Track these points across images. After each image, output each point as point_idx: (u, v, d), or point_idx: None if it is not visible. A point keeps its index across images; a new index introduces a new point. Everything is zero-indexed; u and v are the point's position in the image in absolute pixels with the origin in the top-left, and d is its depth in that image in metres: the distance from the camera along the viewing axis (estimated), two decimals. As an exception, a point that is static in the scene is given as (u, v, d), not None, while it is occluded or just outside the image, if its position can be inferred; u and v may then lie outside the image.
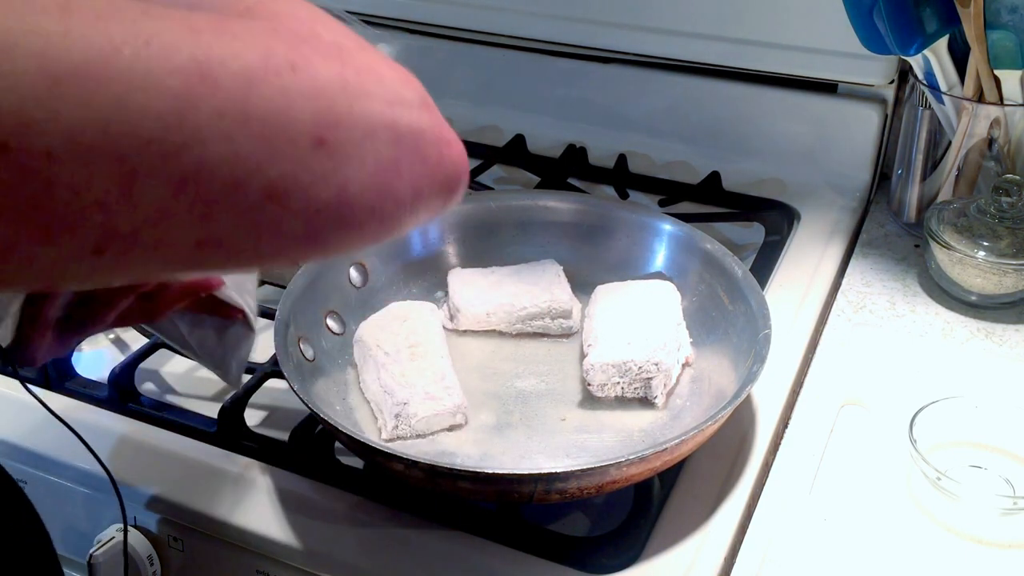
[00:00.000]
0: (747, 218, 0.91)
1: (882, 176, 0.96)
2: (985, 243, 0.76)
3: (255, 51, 0.32)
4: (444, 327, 0.72)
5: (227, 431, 0.66)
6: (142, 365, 0.72)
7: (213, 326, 0.58)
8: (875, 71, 0.92)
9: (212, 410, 0.67)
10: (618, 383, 0.65)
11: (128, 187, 0.29)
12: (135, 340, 0.76)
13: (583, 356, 0.67)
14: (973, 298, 0.78)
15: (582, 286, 0.75)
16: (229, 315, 0.58)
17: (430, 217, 0.40)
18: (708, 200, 0.93)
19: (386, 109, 0.36)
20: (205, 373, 0.73)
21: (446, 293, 0.75)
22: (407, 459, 0.54)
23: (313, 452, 0.64)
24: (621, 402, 0.66)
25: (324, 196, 0.33)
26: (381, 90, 0.36)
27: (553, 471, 0.52)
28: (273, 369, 0.69)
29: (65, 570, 0.71)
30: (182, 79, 0.29)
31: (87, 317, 0.51)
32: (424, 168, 0.38)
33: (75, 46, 0.27)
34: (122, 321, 0.53)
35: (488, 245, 0.79)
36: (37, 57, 0.27)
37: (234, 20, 0.33)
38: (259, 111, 0.31)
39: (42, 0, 0.28)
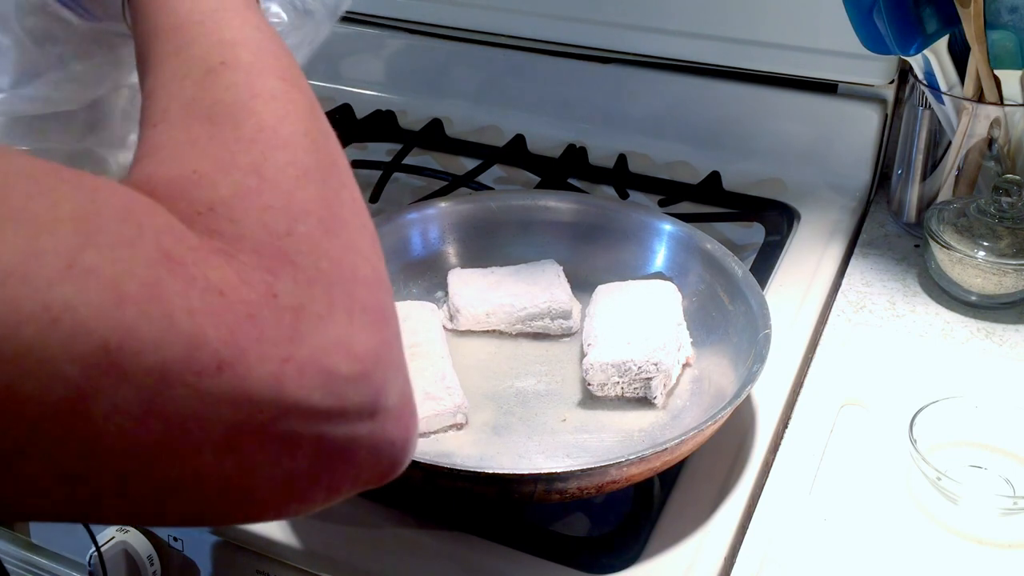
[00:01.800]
0: (747, 218, 0.91)
1: (882, 176, 0.96)
2: (985, 243, 0.76)
3: (180, 341, 0.28)
4: (444, 327, 0.72)
5: (227, 431, 0.66)
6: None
7: None
8: (875, 71, 0.92)
9: (212, 410, 0.67)
10: (618, 383, 0.65)
11: (7, 464, 0.26)
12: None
13: (583, 356, 0.67)
14: (973, 298, 0.78)
15: (582, 286, 0.75)
16: None
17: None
18: (708, 200, 0.93)
19: (317, 426, 0.30)
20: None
21: (446, 293, 0.75)
22: (407, 459, 0.54)
23: (313, 452, 0.64)
24: (621, 402, 0.66)
25: (220, 497, 0.30)
26: (319, 396, 0.30)
27: (553, 471, 0.52)
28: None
29: (65, 570, 0.72)
30: (82, 369, 0.26)
31: None
32: (348, 474, 0.33)
33: None
34: None
35: (488, 245, 0.79)
36: None
37: (180, 266, 0.29)
38: (165, 413, 0.28)
39: None
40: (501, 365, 0.70)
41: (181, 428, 0.28)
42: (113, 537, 0.63)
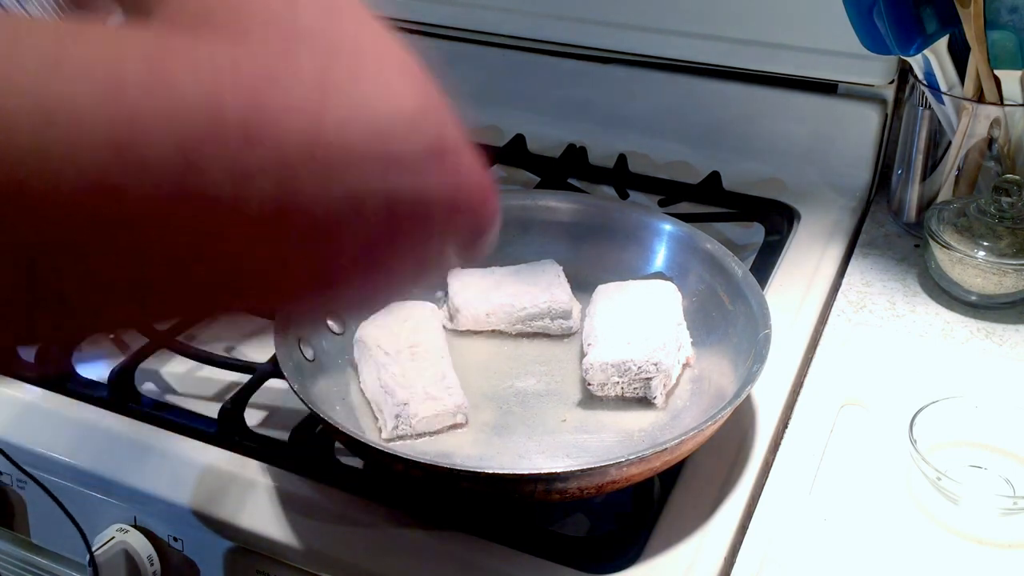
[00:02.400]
0: (747, 218, 0.91)
1: (882, 176, 0.96)
2: (985, 243, 0.76)
3: (196, 117, 0.26)
4: (444, 327, 0.72)
5: (227, 431, 0.66)
6: (142, 365, 0.72)
7: None
8: (875, 71, 0.92)
9: (212, 410, 0.67)
10: (617, 383, 0.65)
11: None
12: (136, 340, 0.76)
13: (583, 356, 0.66)
14: (973, 298, 0.78)
15: (582, 286, 0.75)
16: None
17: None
18: (708, 200, 0.93)
19: (378, 178, 0.29)
20: (205, 373, 0.73)
21: (446, 293, 0.75)
22: (407, 459, 0.54)
23: (313, 452, 0.64)
24: (621, 402, 0.66)
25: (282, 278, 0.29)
26: (371, 142, 0.29)
27: (553, 471, 0.52)
28: (273, 369, 0.69)
29: (65, 570, 0.72)
30: (94, 173, 0.25)
31: None
32: (427, 231, 0.32)
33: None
34: None
35: (488, 245, 0.78)
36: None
37: (181, 52, 0.27)
38: (200, 196, 0.26)
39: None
40: (501, 365, 0.70)
41: (217, 210, 0.26)
42: (113, 537, 0.63)
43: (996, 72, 0.78)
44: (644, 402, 0.66)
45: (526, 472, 0.54)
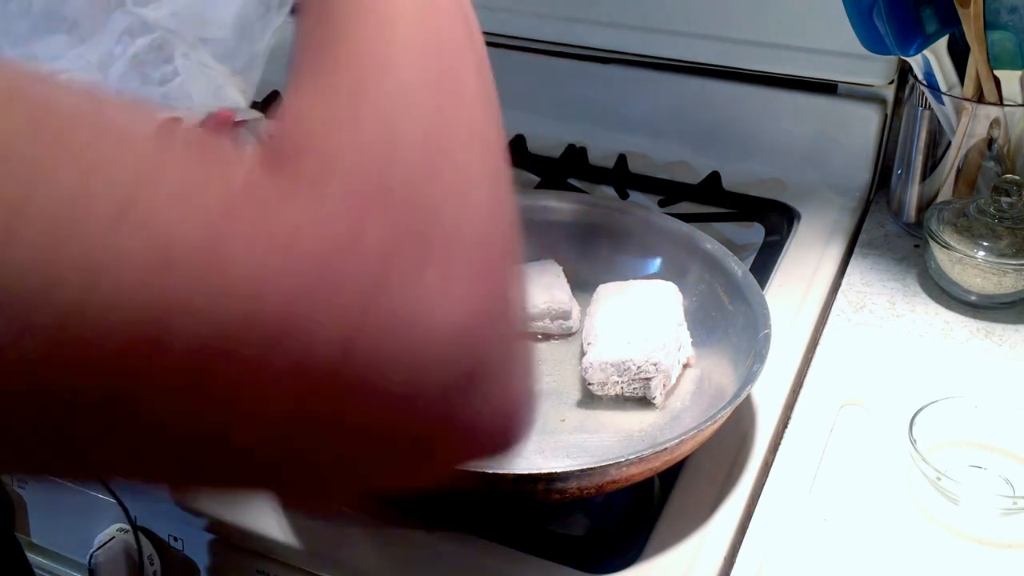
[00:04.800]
0: (747, 218, 0.91)
1: (882, 176, 0.96)
2: (985, 243, 0.76)
3: (235, 310, 0.24)
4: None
5: (227, 431, 0.66)
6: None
7: None
8: (875, 71, 0.92)
9: (212, 410, 0.67)
10: (617, 382, 0.65)
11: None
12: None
13: (583, 355, 0.66)
14: (973, 298, 0.78)
15: (582, 286, 0.75)
16: None
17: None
18: (708, 200, 0.93)
19: (397, 405, 0.27)
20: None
21: (446, 293, 0.75)
22: (407, 459, 0.54)
23: (313, 452, 0.64)
24: (620, 402, 0.66)
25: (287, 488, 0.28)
26: (398, 372, 0.26)
27: (553, 471, 0.52)
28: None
29: (65, 570, 0.72)
30: (118, 348, 0.23)
31: None
32: (425, 462, 0.29)
33: None
34: None
35: (488, 245, 0.78)
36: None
37: (247, 212, 0.25)
38: (213, 395, 0.25)
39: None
40: (501, 365, 0.70)
41: (230, 412, 0.25)
42: (113, 537, 0.63)
43: (996, 72, 0.78)
44: (644, 402, 0.66)
45: (526, 472, 0.54)
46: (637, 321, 0.67)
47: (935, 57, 0.80)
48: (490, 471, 0.53)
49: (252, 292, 0.24)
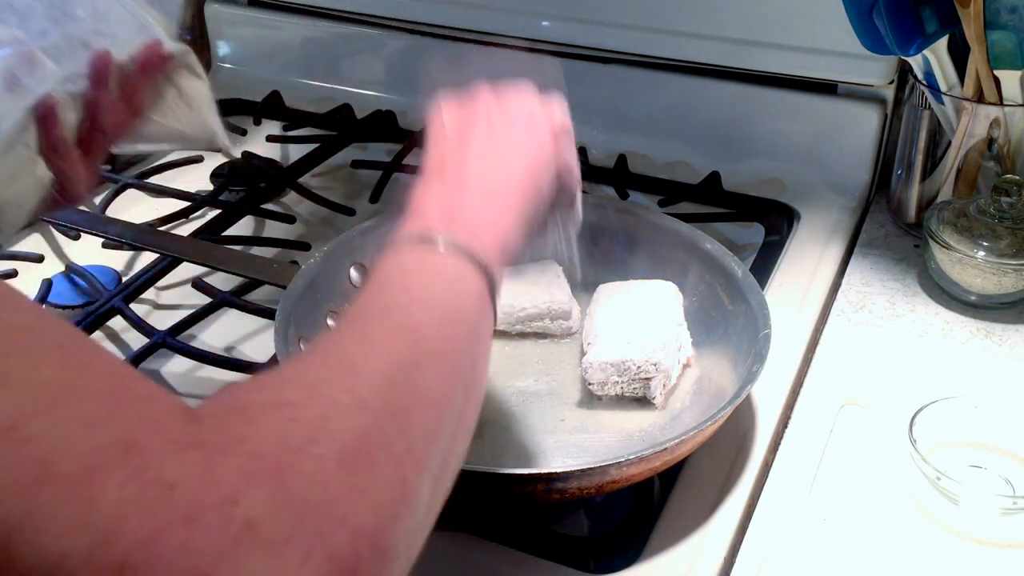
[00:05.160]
0: (747, 218, 0.91)
1: (882, 176, 0.96)
2: (985, 243, 0.76)
3: (89, 532, 0.25)
4: (444, 327, 0.72)
5: (227, 431, 0.66)
6: (142, 365, 0.72)
7: (175, 94, 0.62)
8: (875, 71, 0.92)
9: (212, 410, 0.67)
10: (617, 382, 0.65)
11: None
12: (135, 340, 0.76)
13: (583, 355, 0.67)
14: (973, 298, 0.78)
15: (582, 286, 0.74)
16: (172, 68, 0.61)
17: None
18: (708, 200, 0.93)
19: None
20: (205, 373, 0.73)
21: (446, 293, 0.75)
22: (407, 459, 0.54)
23: (313, 452, 0.64)
24: (620, 402, 0.66)
25: None
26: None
27: (553, 471, 0.52)
28: (273, 369, 0.69)
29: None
30: None
31: (95, 140, 0.55)
32: None
33: None
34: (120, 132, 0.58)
35: (488, 245, 0.78)
36: None
37: (139, 455, 0.26)
38: None
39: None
40: (501, 365, 0.70)
41: None
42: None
43: (996, 72, 0.78)
44: (644, 402, 0.66)
45: (526, 472, 0.54)
46: (637, 321, 0.67)
47: (935, 57, 0.80)
48: (490, 471, 0.53)
49: (113, 520, 0.25)
